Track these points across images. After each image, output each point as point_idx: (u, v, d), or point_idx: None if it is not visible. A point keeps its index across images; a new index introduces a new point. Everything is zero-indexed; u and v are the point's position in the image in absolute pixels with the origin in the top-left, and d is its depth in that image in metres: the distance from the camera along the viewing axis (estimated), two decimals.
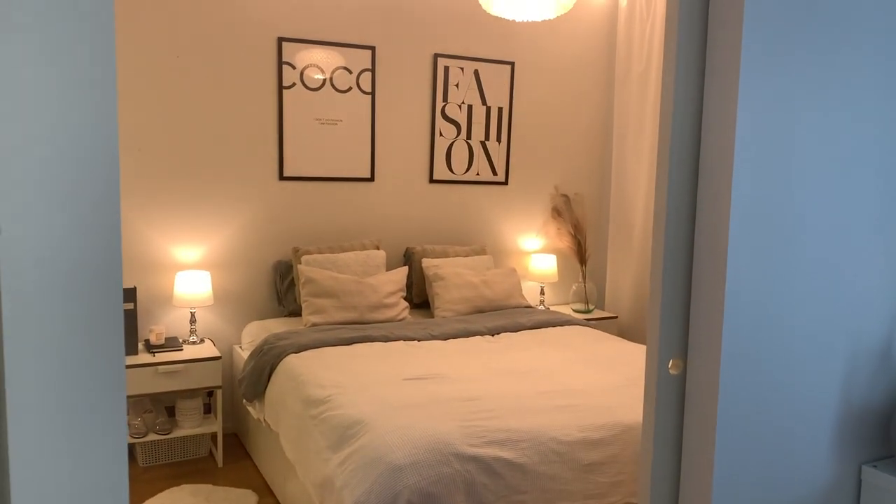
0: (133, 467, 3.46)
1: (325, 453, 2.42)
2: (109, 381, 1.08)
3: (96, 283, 1.05)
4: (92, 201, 1.04)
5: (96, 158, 1.04)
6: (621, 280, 4.89)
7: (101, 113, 1.04)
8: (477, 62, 4.40)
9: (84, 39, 1.02)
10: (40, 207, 1.00)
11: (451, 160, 4.42)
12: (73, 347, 1.05)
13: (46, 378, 1.03)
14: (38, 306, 1.01)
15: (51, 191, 1.01)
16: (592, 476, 2.41)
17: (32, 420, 1.02)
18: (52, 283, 1.02)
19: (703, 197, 1.70)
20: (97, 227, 1.05)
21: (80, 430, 1.07)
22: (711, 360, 1.69)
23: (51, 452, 1.05)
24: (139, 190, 3.62)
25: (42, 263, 1.01)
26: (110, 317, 1.07)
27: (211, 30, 3.69)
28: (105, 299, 1.06)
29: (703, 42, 1.68)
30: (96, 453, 1.09)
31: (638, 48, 4.66)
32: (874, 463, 1.96)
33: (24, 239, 0.99)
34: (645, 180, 4.63)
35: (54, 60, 1.00)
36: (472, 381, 2.87)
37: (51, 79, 1.00)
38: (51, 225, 1.01)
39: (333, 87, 4.01)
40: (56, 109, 1.01)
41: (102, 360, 1.07)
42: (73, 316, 1.04)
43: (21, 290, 1.00)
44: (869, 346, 1.92)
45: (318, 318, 3.59)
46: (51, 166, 1.01)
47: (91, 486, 1.09)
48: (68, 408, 1.05)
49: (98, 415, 1.08)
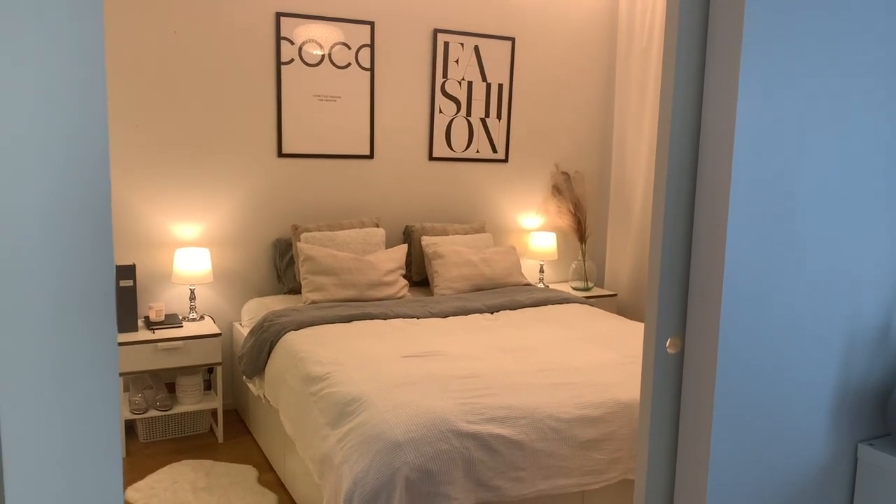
0: (134, 443, 3.49)
1: (324, 430, 2.44)
2: (102, 366, 1.08)
3: (87, 268, 1.04)
4: (81, 182, 1.03)
5: (85, 138, 1.03)
6: (621, 258, 4.89)
7: (89, 91, 1.03)
8: (477, 38, 4.36)
9: (71, 17, 1.00)
10: (28, 193, 0.99)
11: (451, 137, 4.39)
12: (65, 331, 1.04)
13: (38, 363, 1.03)
14: (29, 292, 1.01)
15: (38, 175, 1.00)
16: (590, 453, 2.42)
17: (24, 404, 1.02)
18: (42, 269, 1.01)
19: (703, 176, 1.69)
20: (88, 208, 1.04)
21: (73, 415, 1.06)
22: (709, 338, 1.69)
23: (44, 434, 1.05)
24: (138, 167, 3.60)
25: (32, 250, 1.00)
26: (102, 302, 1.06)
27: (209, 5, 3.64)
28: (96, 285, 1.05)
29: (705, 19, 1.66)
30: (90, 435, 1.09)
31: (640, 25, 4.61)
32: (871, 441, 1.97)
33: (11, 225, 0.98)
34: (645, 158, 4.61)
35: (39, 40, 0.98)
36: (470, 358, 2.88)
37: (38, 62, 0.98)
38: (39, 211, 1.00)
39: (332, 62, 3.97)
40: (43, 89, 0.99)
41: (95, 343, 1.07)
42: (64, 300, 1.03)
43: (10, 275, 0.99)
44: (867, 325, 1.92)
45: (317, 296, 3.59)
46: (38, 148, 0.99)
47: (86, 466, 1.09)
48: (61, 391, 1.05)
49: (91, 397, 1.08)
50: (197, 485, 3.04)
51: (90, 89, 1.03)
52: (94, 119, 1.03)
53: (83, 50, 1.02)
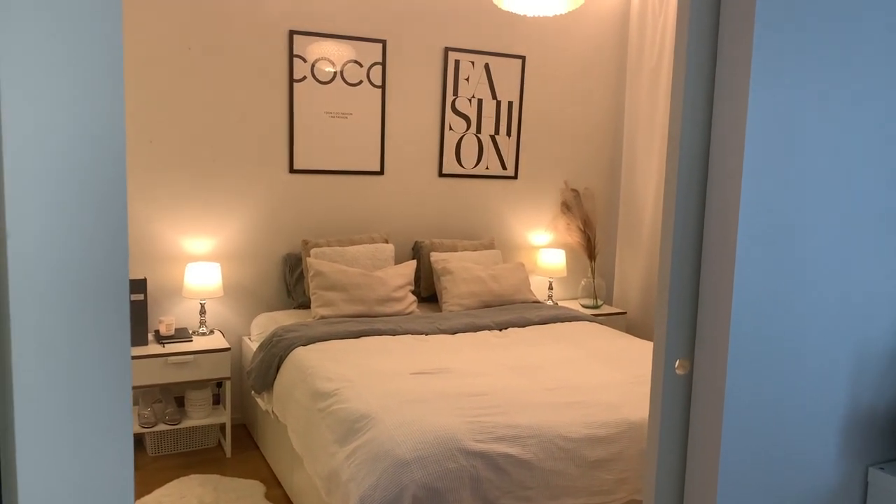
0: (142, 456, 3.50)
1: (332, 447, 2.44)
2: (115, 377, 1.09)
3: (103, 282, 1.06)
4: (99, 197, 1.04)
5: (103, 153, 1.05)
6: (630, 276, 4.88)
7: (108, 107, 1.04)
8: (488, 56, 4.39)
9: (90, 33, 1.02)
10: (47, 205, 1.01)
11: (461, 154, 4.42)
12: (80, 343, 1.06)
13: (53, 374, 1.04)
14: (46, 304, 1.02)
15: (57, 188, 1.02)
16: (598, 473, 2.41)
17: (39, 416, 1.04)
18: (58, 281, 1.03)
19: (713, 197, 1.70)
20: (104, 224, 1.06)
21: (86, 426, 1.08)
22: (718, 361, 1.69)
23: (57, 447, 1.06)
24: (150, 182, 3.64)
25: (49, 263, 1.02)
26: (117, 314, 1.08)
27: (222, 22, 3.69)
28: (112, 298, 1.07)
29: (715, 38, 1.67)
30: (102, 448, 1.10)
31: (650, 44, 4.63)
32: (881, 465, 1.95)
33: (32, 238, 1.00)
34: (655, 176, 4.61)
35: (60, 56, 1.00)
36: (478, 376, 2.88)
37: (57, 74, 1.00)
38: (58, 223, 1.02)
39: (344, 80, 4.01)
40: (62, 105, 1.01)
41: (109, 356, 1.08)
42: (79, 313, 1.05)
43: (28, 288, 1.01)
44: (877, 348, 1.91)
45: (326, 311, 3.61)
46: (57, 163, 1.01)
47: (97, 478, 1.10)
48: (74, 402, 1.06)
49: (104, 410, 1.09)
50: (204, 500, 3.04)
51: (107, 100, 1.04)
52: (111, 130, 1.05)
53: (101, 60, 1.03)
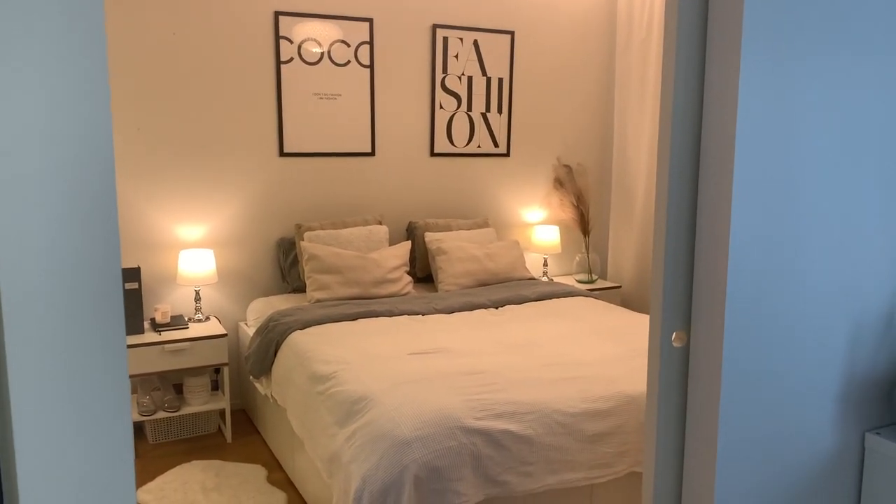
0: (143, 444, 3.51)
1: (332, 429, 2.45)
2: (111, 367, 1.09)
3: (95, 273, 1.05)
4: (88, 188, 1.03)
5: (90, 144, 1.03)
6: (624, 250, 4.89)
7: (93, 98, 1.03)
8: (476, 32, 4.35)
9: (73, 23, 1.00)
10: (36, 200, 1.00)
11: (452, 133, 4.39)
12: (75, 335, 1.05)
13: (49, 367, 1.03)
14: (38, 297, 1.01)
15: (45, 180, 1.00)
16: (598, 446, 2.43)
17: (37, 408, 1.03)
18: (50, 274, 1.02)
19: (706, 167, 1.69)
20: (94, 215, 1.04)
21: (85, 416, 1.07)
22: (714, 332, 1.69)
23: (56, 438, 1.06)
24: (140, 170, 3.61)
25: (40, 258, 1.01)
26: (110, 304, 1.07)
27: (207, 6, 3.64)
28: (104, 287, 1.06)
29: (705, 7, 1.65)
30: (102, 438, 1.10)
31: (639, 16, 4.59)
32: (878, 430, 1.97)
33: (20, 231, 0.99)
34: (647, 149, 4.60)
35: (43, 47, 0.98)
36: (476, 354, 2.88)
37: (41, 66, 0.99)
38: (47, 216, 1.01)
39: (332, 60, 3.97)
40: (47, 99, 1.00)
41: (104, 346, 1.08)
42: (72, 305, 1.04)
43: (20, 282, 1.00)
44: (872, 315, 1.92)
45: (322, 295, 3.60)
46: (44, 156, 1.00)
47: (98, 468, 1.10)
48: (72, 394, 1.06)
49: (102, 400, 1.08)
50: (207, 485, 3.05)
51: (93, 93, 1.03)
52: (98, 122, 1.03)
53: (85, 53, 1.02)
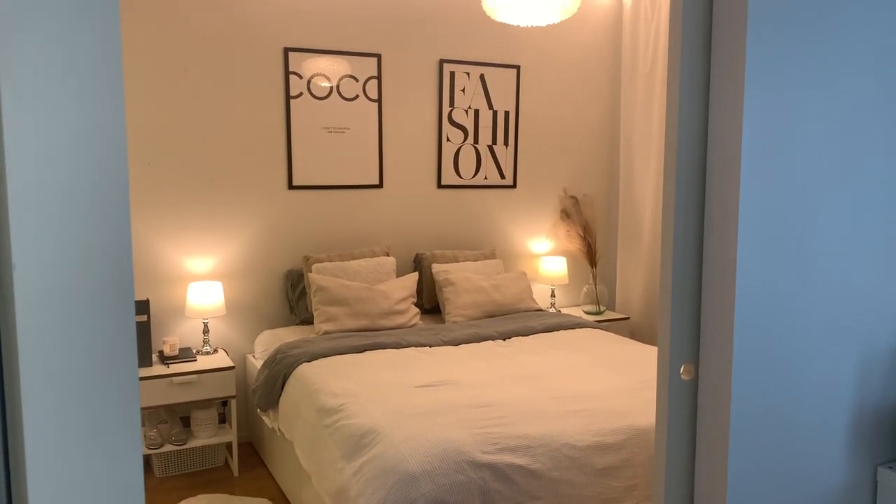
0: (150, 478, 3.49)
1: (340, 463, 2.43)
2: (124, 398, 1.09)
3: (109, 302, 1.06)
4: (103, 221, 1.05)
5: (106, 177, 1.05)
6: (632, 281, 4.88)
7: (109, 130, 1.05)
8: (482, 66, 4.41)
9: (90, 54, 1.03)
10: (52, 233, 1.01)
11: (459, 165, 4.43)
12: (88, 365, 1.06)
13: (62, 400, 1.04)
14: (52, 330, 1.03)
15: (61, 213, 1.02)
16: (607, 480, 2.40)
17: (49, 441, 1.04)
18: (65, 307, 1.03)
19: (712, 199, 1.70)
20: (109, 246, 1.06)
21: (96, 446, 1.08)
22: (723, 364, 1.69)
23: (67, 471, 1.06)
24: (150, 203, 3.65)
25: (55, 287, 1.02)
26: (123, 334, 1.08)
27: (218, 42, 3.71)
28: (118, 318, 1.07)
29: (708, 41, 1.68)
30: (112, 469, 1.10)
31: (643, 49, 4.65)
32: (890, 464, 1.95)
33: (37, 266, 1.01)
34: (653, 180, 4.62)
35: (61, 78, 1.01)
36: (484, 386, 2.87)
37: (59, 98, 1.01)
38: (63, 248, 1.03)
39: (340, 95, 4.02)
40: (64, 129, 1.02)
41: (116, 377, 1.08)
42: (86, 335, 1.05)
43: (35, 316, 1.01)
44: (882, 347, 1.91)
45: (329, 326, 3.61)
46: (61, 189, 1.02)
47: (108, 500, 1.10)
48: (83, 424, 1.07)
49: (113, 430, 1.09)
50: None
51: (109, 128, 1.05)
52: (113, 157, 1.05)
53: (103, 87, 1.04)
